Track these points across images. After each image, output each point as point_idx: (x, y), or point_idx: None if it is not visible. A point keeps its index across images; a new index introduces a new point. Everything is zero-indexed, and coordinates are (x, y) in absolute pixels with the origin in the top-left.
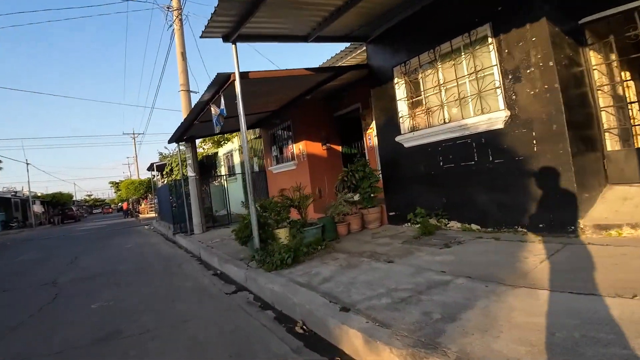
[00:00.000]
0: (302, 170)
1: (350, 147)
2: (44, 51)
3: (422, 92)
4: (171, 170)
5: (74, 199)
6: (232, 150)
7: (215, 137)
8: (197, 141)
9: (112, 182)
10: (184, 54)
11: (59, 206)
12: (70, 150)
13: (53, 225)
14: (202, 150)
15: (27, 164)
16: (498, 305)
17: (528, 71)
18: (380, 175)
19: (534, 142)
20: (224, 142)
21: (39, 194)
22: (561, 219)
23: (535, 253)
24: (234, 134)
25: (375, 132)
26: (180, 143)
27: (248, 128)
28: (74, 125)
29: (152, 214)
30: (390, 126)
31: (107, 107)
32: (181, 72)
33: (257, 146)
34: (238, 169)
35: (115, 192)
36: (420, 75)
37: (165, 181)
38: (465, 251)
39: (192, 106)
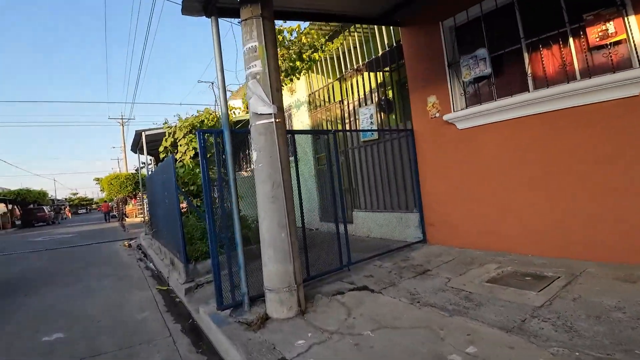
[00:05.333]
0: None
1: None
2: None
3: None
4: (174, 143)
5: (52, 197)
6: (290, 106)
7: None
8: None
9: (96, 179)
10: None
11: (30, 205)
12: (48, 138)
13: (16, 230)
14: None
15: None
16: None
17: None
18: None
19: None
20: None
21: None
22: None
23: None
24: (306, 66)
25: None
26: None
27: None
28: (51, 109)
29: (141, 218)
30: None
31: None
32: None
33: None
34: (304, 146)
35: (101, 190)
36: None
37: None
38: None
39: None
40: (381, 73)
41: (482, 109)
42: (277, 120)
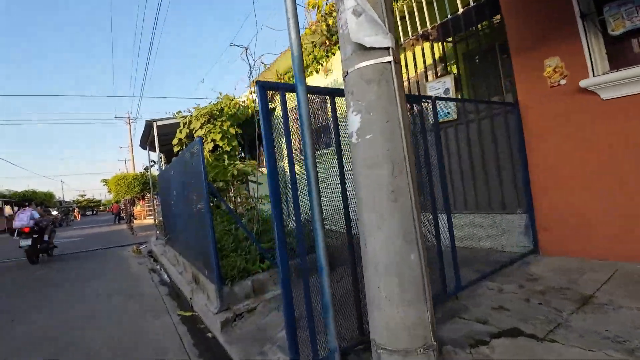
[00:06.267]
0: None
1: None
2: None
3: None
4: (190, 135)
5: (61, 199)
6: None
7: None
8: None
9: (104, 180)
10: None
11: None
12: (56, 141)
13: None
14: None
15: None
16: None
17: None
18: None
19: None
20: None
21: (5, 192)
22: None
23: None
24: None
25: None
26: None
27: None
28: (55, 107)
29: (150, 220)
30: None
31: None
32: None
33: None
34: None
35: (109, 192)
36: None
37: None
38: None
39: None
40: (460, 37)
41: None
42: (395, 61)
